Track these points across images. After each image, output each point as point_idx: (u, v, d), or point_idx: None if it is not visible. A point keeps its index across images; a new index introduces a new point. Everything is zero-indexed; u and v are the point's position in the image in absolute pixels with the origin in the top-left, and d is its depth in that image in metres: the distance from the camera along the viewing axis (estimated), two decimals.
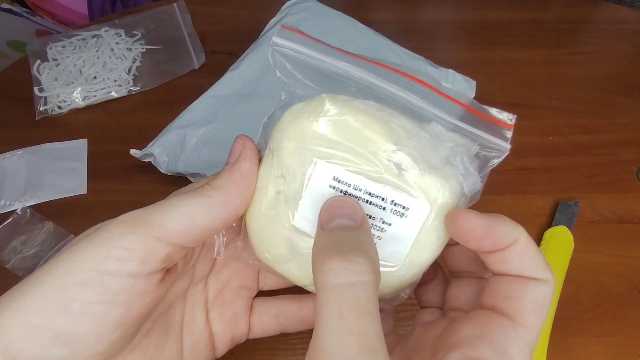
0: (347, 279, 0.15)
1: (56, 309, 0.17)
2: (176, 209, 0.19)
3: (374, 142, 0.19)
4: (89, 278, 0.17)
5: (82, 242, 0.18)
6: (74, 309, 0.17)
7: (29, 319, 0.16)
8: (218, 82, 0.52)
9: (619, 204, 0.47)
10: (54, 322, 0.17)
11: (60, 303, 0.17)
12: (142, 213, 0.19)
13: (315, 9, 0.58)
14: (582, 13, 0.64)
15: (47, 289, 0.17)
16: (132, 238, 0.18)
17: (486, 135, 0.21)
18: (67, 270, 0.17)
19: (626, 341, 0.40)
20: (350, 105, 0.20)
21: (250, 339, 0.40)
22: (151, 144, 0.47)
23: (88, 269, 0.17)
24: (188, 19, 0.63)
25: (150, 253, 0.18)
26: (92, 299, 0.17)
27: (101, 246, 0.18)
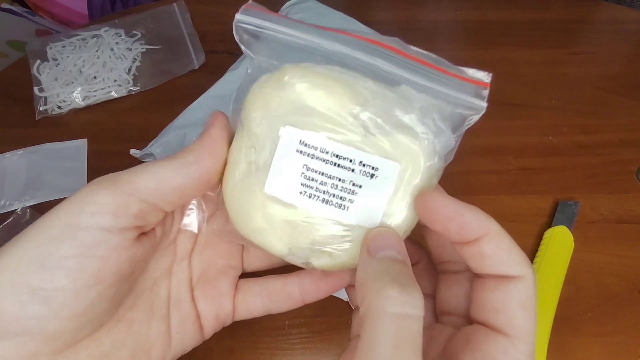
0: (406, 310, 0.15)
1: (32, 264, 0.17)
2: (148, 169, 0.20)
3: (338, 105, 0.19)
4: (62, 232, 0.18)
5: (59, 203, 0.19)
6: (49, 263, 0.17)
7: (7, 276, 0.17)
8: (218, 82, 0.52)
9: (618, 204, 0.47)
10: (31, 278, 0.17)
11: (36, 258, 0.17)
12: (115, 174, 0.20)
13: (315, 9, 0.58)
14: (582, 13, 0.64)
15: (23, 246, 0.18)
16: (104, 193, 0.19)
17: (460, 94, 0.21)
18: (42, 227, 0.18)
19: (626, 341, 0.40)
20: (312, 71, 0.20)
21: (250, 340, 0.40)
22: (151, 144, 0.47)
23: (61, 224, 0.18)
24: (188, 18, 0.63)
25: (122, 207, 0.19)
26: (66, 253, 0.17)
27: (75, 203, 0.18)
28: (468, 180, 0.49)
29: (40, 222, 0.18)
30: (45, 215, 0.18)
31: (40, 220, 0.18)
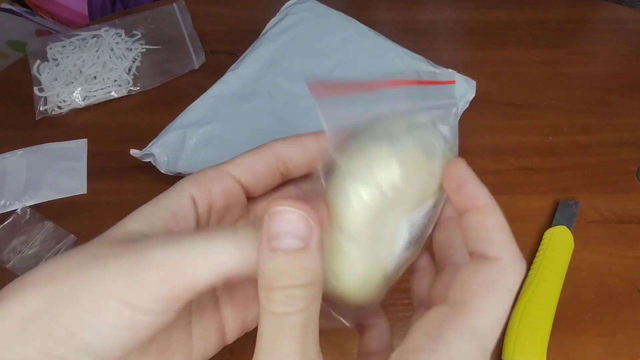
0: (285, 309, 0.16)
1: (88, 327, 0.15)
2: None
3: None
4: (119, 308, 0.15)
5: (118, 263, 0.16)
6: (103, 330, 0.15)
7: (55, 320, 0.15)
8: (218, 82, 0.52)
9: (619, 204, 0.47)
10: (85, 336, 0.15)
11: (93, 324, 0.15)
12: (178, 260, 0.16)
13: (315, 9, 0.58)
14: (582, 13, 0.64)
15: (80, 307, 0.15)
16: (162, 288, 0.16)
17: (433, 102, 0.22)
18: (99, 294, 0.15)
19: (626, 341, 0.40)
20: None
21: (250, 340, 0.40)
22: (151, 144, 0.47)
23: (118, 300, 0.15)
24: (188, 18, 0.63)
25: (176, 300, 0.16)
26: (118, 324, 0.15)
27: (131, 283, 0.16)
28: None
29: (97, 284, 0.15)
30: (102, 273, 0.16)
31: (96, 281, 0.16)
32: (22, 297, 0.15)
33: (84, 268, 0.15)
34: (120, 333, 0.15)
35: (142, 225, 0.18)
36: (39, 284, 0.15)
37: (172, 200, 0.19)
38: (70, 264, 0.16)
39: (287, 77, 0.53)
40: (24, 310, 0.15)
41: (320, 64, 0.54)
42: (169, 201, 0.19)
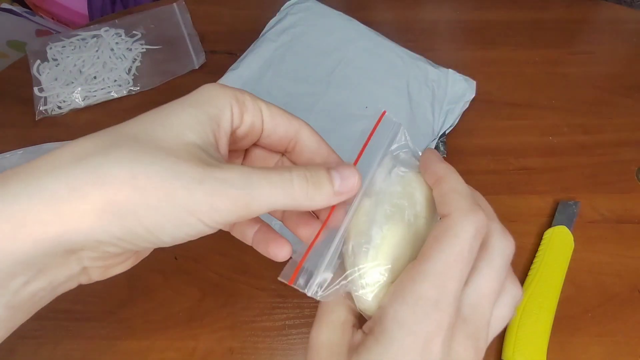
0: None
1: (167, 232, 0.18)
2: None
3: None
4: (195, 224, 0.19)
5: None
6: (176, 236, 0.19)
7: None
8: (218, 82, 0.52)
9: (619, 204, 0.47)
10: (161, 236, 0.18)
11: (171, 231, 0.19)
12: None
13: (315, 9, 0.58)
14: (582, 13, 0.64)
15: (164, 216, 0.18)
16: (231, 215, 0.19)
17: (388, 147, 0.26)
18: (182, 211, 0.18)
19: (626, 341, 0.40)
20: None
21: (250, 340, 0.40)
22: None
23: (197, 218, 0.19)
24: (188, 19, 0.63)
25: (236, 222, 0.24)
26: (189, 233, 0.19)
27: (209, 209, 0.19)
28: (468, 180, 0.49)
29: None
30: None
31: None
32: (112, 189, 0.17)
33: (169, 189, 0.17)
34: (187, 237, 0.19)
35: (199, 139, 0.19)
36: (132, 181, 0.17)
37: (217, 111, 0.21)
38: (155, 175, 0.17)
39: (287, 77, 0.53)
40: (112, 206, 0.17)
41: (320, 64, 0.54)
42: (215, 111, 0.20)
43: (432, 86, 0.52)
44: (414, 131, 0.50)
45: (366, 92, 0.52)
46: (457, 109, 0.51)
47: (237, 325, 0.41)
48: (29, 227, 0.16)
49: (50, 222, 0.16)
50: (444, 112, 0.51)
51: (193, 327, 0.41)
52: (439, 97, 0.52)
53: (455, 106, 0.52)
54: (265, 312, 0.41)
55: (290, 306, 0.42)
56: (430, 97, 0.52)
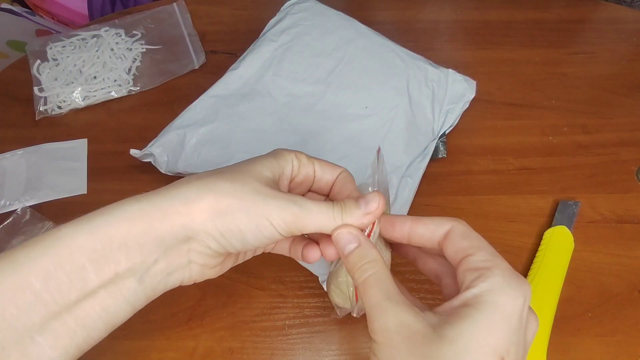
0: (367, 274, 0.26)
1: (252, 232, 0.26)
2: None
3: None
4: (270, 228, 0.26)
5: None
6: (258, 237, 0.26)
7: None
8: (218, 82, 0.52)
9: (619, 204, 0.47)
10: (247, 236, 0.26)
11: (255, 232, 0.26)
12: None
13: (315, 9, 0.58)
14: (582, 13, 0.64)
15: (251, 220, 0.26)
16: (293, 227, 0.27)
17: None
18: (263, 218, 0.26)
19: (626, 341, 0.40)
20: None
21: (250, 340, 0.40)
22: (151, 143, 0.47)
23: (270, 223, 0.26)
24: (188, 18, 0.63)
25: (294, 234, 0.28)
26: (266, 236, 0.26)
27: (279, 218, 0.26)
28: (468, 180, 0.49)
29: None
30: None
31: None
32: (217, 196, 0.25)
33: (254, 200, 0.25)
34: (264, 240, 0.26)
35: (271, 175, 0.27)
36: (230, 192, 0.25)
37: (284, 163, 0.29)
38: (246, 190, 0.25)
39: (287, 77, 0.53)
40: (219, 208, 0.25)
41: (320, 63, 0.54)
42: (283, 163, 0.28)
43: (432, 86, 0.52)
44: (414, 131, 0.49)
45: (366, 92, 0.52)
46: (457, 109, 0.51)
47: (237, 325, 0.41)
48: (170, 216, 0.24)
49: (182, 213, 0.24)
50: (444, 112, 0.51)
51: (193, 327, 0.41)
52: (439, 97, 0.52)
53: (455, 106, 0.52)
54: (265, 312, 0.41)
55: (290, 306, 0.42)
56: (430, 97, 0.51)
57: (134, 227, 0.24)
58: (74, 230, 0.23)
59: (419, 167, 0.47)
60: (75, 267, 0.22)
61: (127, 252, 0.23)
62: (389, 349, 0.23)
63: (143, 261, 0.24)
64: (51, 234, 0.23)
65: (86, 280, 0.23)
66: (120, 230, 0.23)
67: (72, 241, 0.23)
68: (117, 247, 0.23)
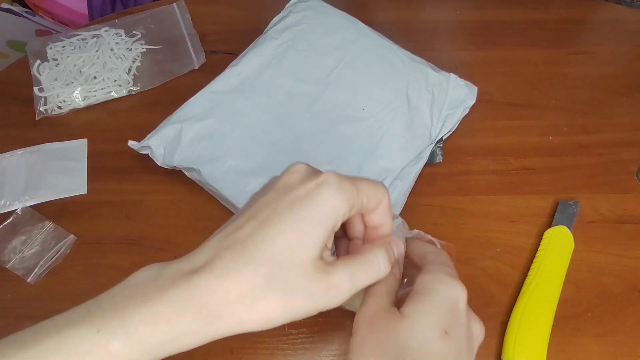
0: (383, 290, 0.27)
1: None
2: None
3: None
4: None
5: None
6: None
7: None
8: (217, 78, 0.52)
9: (619, 204, 0.47)
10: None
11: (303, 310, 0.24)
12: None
13: (318, 8, 0.58)
14: (582, 13, 0.64)
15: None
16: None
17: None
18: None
19: (626, 341, 0.40)
20: None
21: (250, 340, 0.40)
22: (149, 136, 0.48)
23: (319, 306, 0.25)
24: (188, 18, 0.63)
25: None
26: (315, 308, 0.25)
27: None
28: (468, 180, 0.49)
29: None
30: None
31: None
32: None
33: (310, 303, 0.24)
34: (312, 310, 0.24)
35: (317, 251, 0.23)
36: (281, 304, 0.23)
37: (334, 222, 0.24)
38: (298, 300, 0.23)
39: (286, 75, 0.53)
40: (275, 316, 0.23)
41: (321, 63, 0.54)
42: (333, 223, 0.24)
43: (433, 90, 0.52)
44: (411, 135, 0.49)
45: (365, 93, 0.52)
46: (456, 115, 0.51)
47: None
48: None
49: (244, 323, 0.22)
50: (443, 117, 0.51)
51: None
52: (438, 102, 0.51)
53: (454, 111, 0.51)
54: None
55: None
56: (429, 101, 0.51)
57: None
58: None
59: (411, 171, 0.47)
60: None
61: None
62: (361, 331, 0.25)
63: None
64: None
65: None
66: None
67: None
68: None
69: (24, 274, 0.43)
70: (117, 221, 0.47)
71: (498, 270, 0.43)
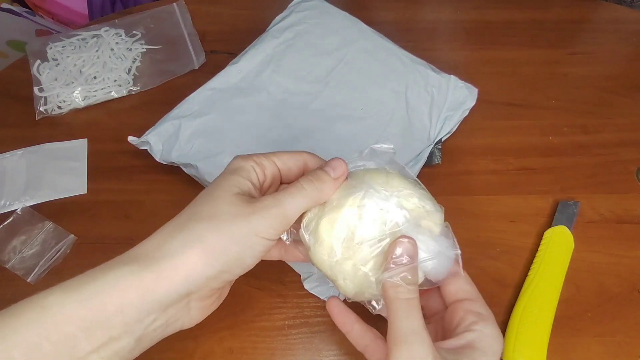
0: (410, 295, 0.27)
1: (248, 255, 0.27)
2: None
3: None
4: (261, 242, 0.28)
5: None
6: (254, 254, 0.28)
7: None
8: (217, 75, 0.53)
9: (619, 204, 0.47)
10: (245, 259, 0.28)
11: (249, 252, 0.27)
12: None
13: (320, 8, 0.58)
14: (582, 13, 0.64)
15: (243, 244, 0.27)
16: (280, 226, 0.28)
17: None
18: (251, 237, 0.27)
19: (626, 341, 0.40)
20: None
21: (250, 340, 0.40)
22: (148, 132, 0.48)
23: (261, 237, 0.27)
24: (188, 18, 0.63)
25: (283, 230, 0.30)
26: (260, 250, 0.28)
27: (265, 227, 0.27)
28: (468, 180, 0.49)
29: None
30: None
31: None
32: (205, 240, 0.25)
33: (238, 226, 0.26)
34: (260, 254, 0.28)
35: (240, 191, 0.28)
36: (214, 231, 0.26)
37: (246, 174, 0.29)
38: (227, 221, 0.26)
39: (285, 74, 0.53)
40: (211, 251, 0.25)
41: (321, 63, 0.54)
42: (249, 174, 0.29)
43: (432, 91, 0.52)
44: (409, 136, 0.49)
45: (363, 93, 0.52)
46: (455, 116, 0.51)
47: (237, 325, 0.41)
48: (166, 275, 0.24)
49: (179, 270, 0.25)
50: (442, 119, 0.51)
51: (193, 327, 0.41)
52: (438, 103, 0.51)
53: (454, 113, 0.51)
54: (265, 312, 0.41)
55: (289, 306, 0.42)
56: (428, 103, 0.51)
57: (129, 293, 0.23)
58: (62, 299, 0.23)
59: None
60: (63, 336, 0.22)
61: (123, 317, 0.23)
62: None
63: (140, 322, 0.24)
64: (36, 302, 0.23)
65: (76, 347, 0.22)
66: (113, 297, 0.23)
67: (60, 311, 0.22)
68: (112, 314, 0.23)
69: (24, 274, 0.43)
70: (117, 221, 0.47)
71: (498, 270, 0.43)
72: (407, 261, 0.27)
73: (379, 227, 0.28)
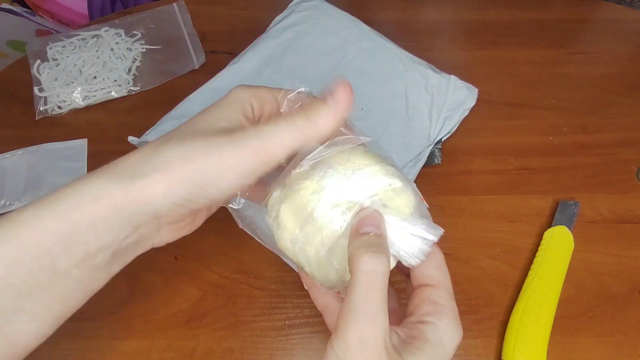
0: (375, 268, 0.23)
1: (215, 187, 0.25)
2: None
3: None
4: (232, 177, 0.25)
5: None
6: (222, 189, 0.25)
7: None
8: (217, 75, 0.53)
9: (619, 204, 0.47)
10: (211, 192, 0.25)
11: (217, 185, 0.25)
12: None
13: (320, 8, 0.58)
14: (582, 13, 0.64)
15: (211, 176, 0.25)
16: (257, 162, 0.25)
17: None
18: (221, 169, 0.25)
19: (626, 341, 0.40)
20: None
21: (250, 340, 0.40)
22: (147, 132, 0.48)
23: (232, 172, 0.25)
24: (188, 18, 0.63)
25: (262, 169, 0.26)
26: (230, 185, 0.25)
27: (239, 161, 0.25)
28: (468, 180, 0.49)
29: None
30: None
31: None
32: (171, 166, 0.24)
33: (206, 155, 0.24)
34: (229, 190, 0.25)
35: (227, 124, 0.26)
36: (182, 158, 0.24)
37: (244, 106, 0.27)
38: (197, 150, 0.24)
39: (285, 74, 0.53)
40: (175, 175, 0.24)
41: (321, 62, 0.54)
42: (243, 106, 0.27)
43: (432, 92, 0.52)
44: (409, 136, 0.49)
45: (363, 93, 0.52)
46: (455, 116, 0.51)
47: (237, 325, 0.41)
48: (132, 194, 0.23)
49: (142, 191, 0.24)
50: (442, 119, 0.51)
51: (193, 327, 0.41)
52: (438, 103, 0.51)
53: (454, 113, 0.51)
54: (265, 312, 0.41)
55: (290, 306, 0.42)
56: (428, 103, 0.51)
57: (99, 209, 0.23)
58: (37, 214, 0.23)
59: (409, 172, 0.47)
60: (42, 250, 0.22)
61: (96, 233, 0.23)
62: (357, 356, 0.23)
63: (114, 239, 0.24)
64: (12, 218, 0.23)
65: (56, 262, 0.23)
66: (85, 212, 0.23)
67: (36, 225, 0.22)
68: (86, 229, 0.23)
69: None
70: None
71: (498, 270, 0.43)
72: (372, 230, 0.24)
73: (340, 209, 0.26)
